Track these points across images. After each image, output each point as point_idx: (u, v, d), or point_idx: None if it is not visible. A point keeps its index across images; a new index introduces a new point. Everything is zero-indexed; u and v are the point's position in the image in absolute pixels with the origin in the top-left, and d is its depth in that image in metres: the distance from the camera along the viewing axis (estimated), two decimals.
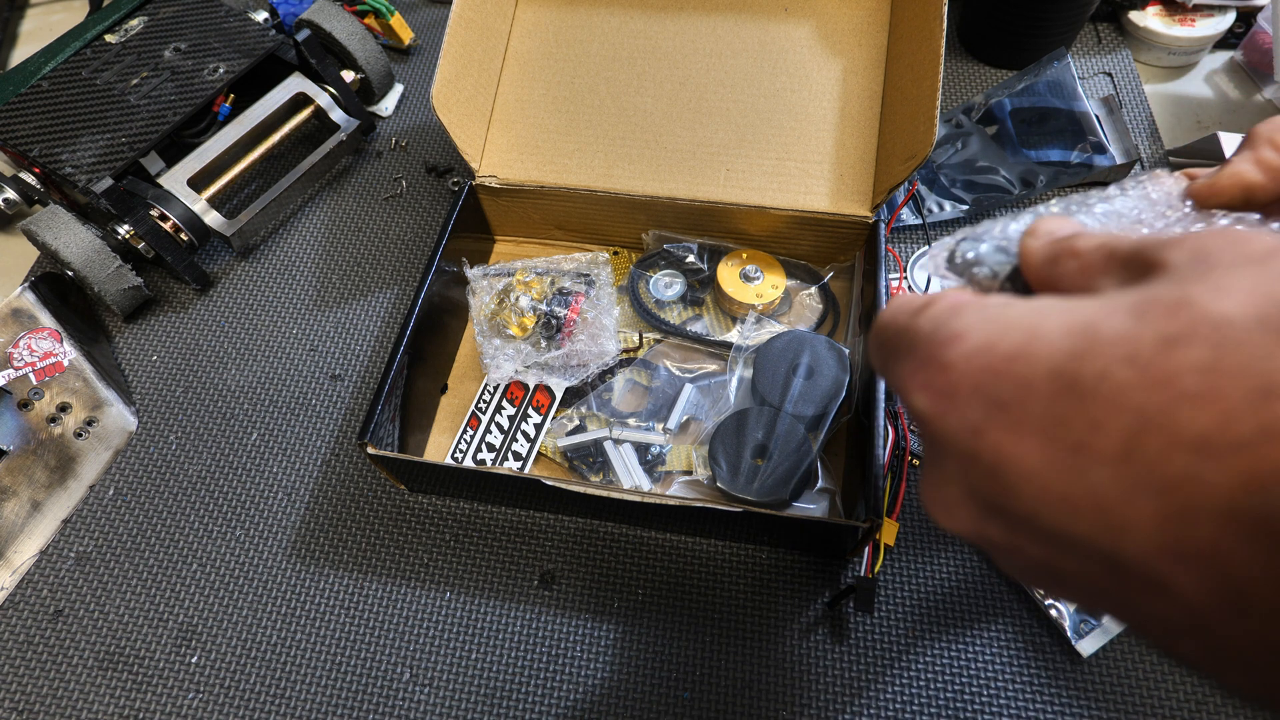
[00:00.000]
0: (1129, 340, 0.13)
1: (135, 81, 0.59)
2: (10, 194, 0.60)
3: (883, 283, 0.47)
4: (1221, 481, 0.12)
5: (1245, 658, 0.13)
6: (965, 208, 0.57)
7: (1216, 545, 0.12)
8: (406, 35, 0.71)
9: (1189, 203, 0.21)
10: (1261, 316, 0.13)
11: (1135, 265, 0.16)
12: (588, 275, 0.54)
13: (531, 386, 0.51)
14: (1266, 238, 0.14)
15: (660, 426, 0.49)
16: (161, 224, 0.56)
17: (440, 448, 0.51)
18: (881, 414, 0.42)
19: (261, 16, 0.65)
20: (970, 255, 0.20)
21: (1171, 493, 0.13)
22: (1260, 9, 0.64)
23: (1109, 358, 0.13)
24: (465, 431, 0.50)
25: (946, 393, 0.15)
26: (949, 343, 0.16)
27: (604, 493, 0.41)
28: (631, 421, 0.49)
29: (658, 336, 0.53)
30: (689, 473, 0.48)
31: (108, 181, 0.53)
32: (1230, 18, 0.64)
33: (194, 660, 0.44)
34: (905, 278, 0.55)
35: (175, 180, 0.57)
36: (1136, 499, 0.13)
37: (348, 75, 0.64)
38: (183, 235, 0.56)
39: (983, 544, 0.17)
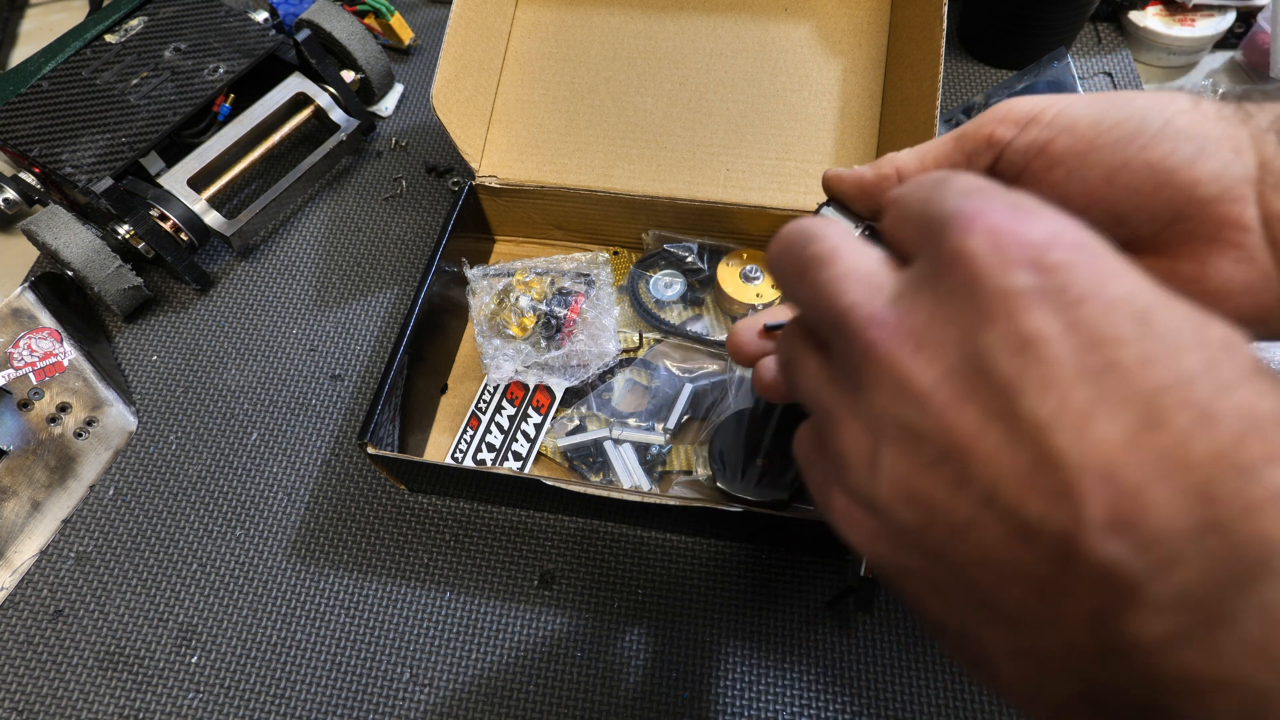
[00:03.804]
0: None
1: (135, 81, 0.59)
2: (10, 194, 0.60)
3: None
4: None
5: None
6: None
7: None
8: (406, 35, 0.71)
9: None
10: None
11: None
12: (588, 275, 0.54)
13: (531, 386, 0.51)
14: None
15: (660, 426, 0.49)
16: (161, 224, 0.56)
17: (440, 448, 0.51)
18: None
19: (261, 16, 0.65)
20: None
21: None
22: (1260, 9, 0.64)
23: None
24: (465, 431, 0.50)
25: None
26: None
27: (604, 493, 0.41)
28: (631, 421, 0.49)
29: (658, 336, 0.53)
30: (689, 473, 0.48)
31: (108, 181, 0.53)
32: (1230, 18, 0.64)
33: (194, 660, 0.44)
34: None
35: (175, 180, 0.57)
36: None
37: (348, 75, 0.64)
38: (183, 235, 0.56)
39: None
